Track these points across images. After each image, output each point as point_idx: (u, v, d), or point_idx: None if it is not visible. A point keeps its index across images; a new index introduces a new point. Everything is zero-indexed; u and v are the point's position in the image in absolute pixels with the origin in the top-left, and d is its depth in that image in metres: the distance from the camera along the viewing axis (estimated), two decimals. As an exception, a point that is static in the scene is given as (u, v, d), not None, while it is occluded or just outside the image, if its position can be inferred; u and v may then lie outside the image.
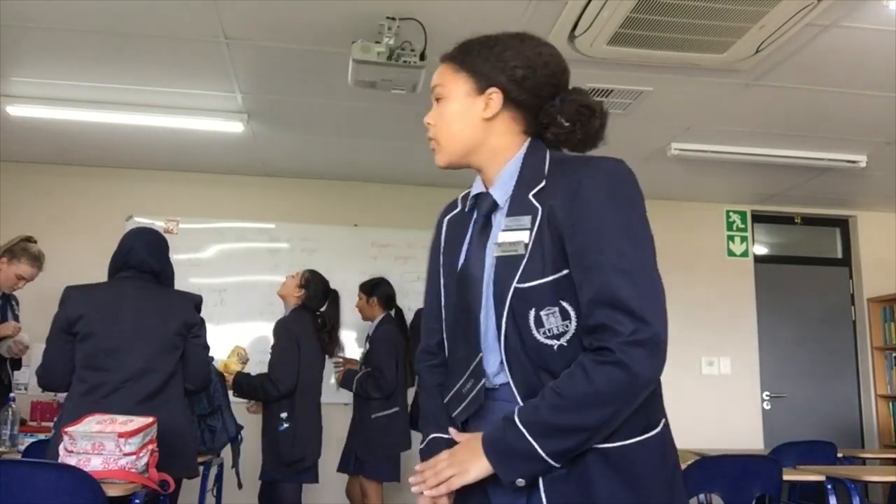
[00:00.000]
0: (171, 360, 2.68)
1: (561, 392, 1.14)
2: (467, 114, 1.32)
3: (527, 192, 1.26)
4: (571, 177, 1.22)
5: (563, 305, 1.19)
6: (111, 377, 2.56)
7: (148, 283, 2.76)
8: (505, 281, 1.22)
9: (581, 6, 2.85)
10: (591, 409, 1.12)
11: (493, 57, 1.31)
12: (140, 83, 3.73)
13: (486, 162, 1.34)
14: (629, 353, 1.11)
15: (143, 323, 2.66)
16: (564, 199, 1.20)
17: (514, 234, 1.24)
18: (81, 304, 2.64)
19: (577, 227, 1.18)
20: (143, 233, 2.88)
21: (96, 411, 2.39)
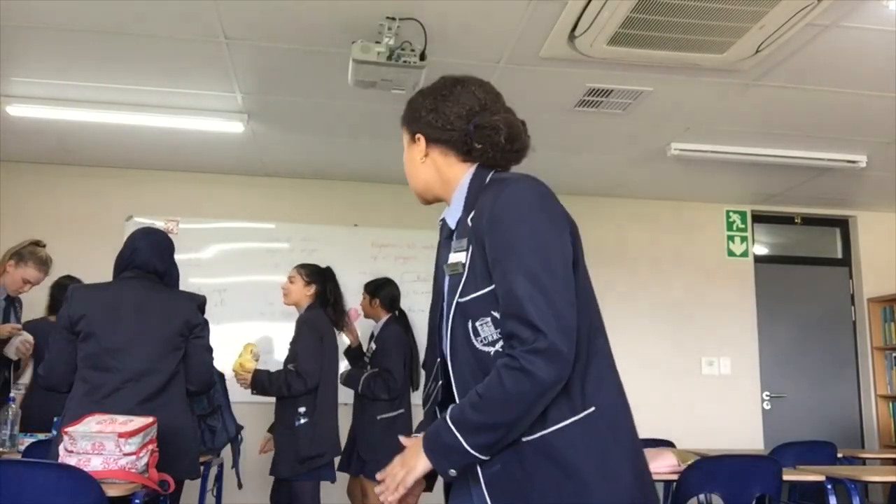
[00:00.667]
0: (172, 361, 2.67)
1: (480, 394, 1.30)
2: (412, 160, 1.57)
3: (465, 217, 1.44)
4: (490, 197, 1.39)
5: (494, 315, 1.34)
6: (112, 377, 2.56)
7: (151, 284, 2.75)
8: (450, 297, 1.43)
9: (581, 6, 2.85)
10: (503, 409, 1.28)
11: (414, 111, 1.57)
12: (140, 83, 3.73)
13: (444, 192, 1.55)
14: (530, 360, 1.26)
15: (144, 323, 2.65)
16: (482, 219, 1.38)
17: (456, 255, 1.43)
18: (84, 303, 2.64)
19: (490, 243, 1.35)
20: (148, 233, 2.87)
21: (97, 411, 2.39)
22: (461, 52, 3.27)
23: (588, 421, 1.31)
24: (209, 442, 3.46)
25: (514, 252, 1.31)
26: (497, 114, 1.50)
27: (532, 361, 1.26)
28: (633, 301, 5.51)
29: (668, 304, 5.56)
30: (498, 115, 1.49)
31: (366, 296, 4.22)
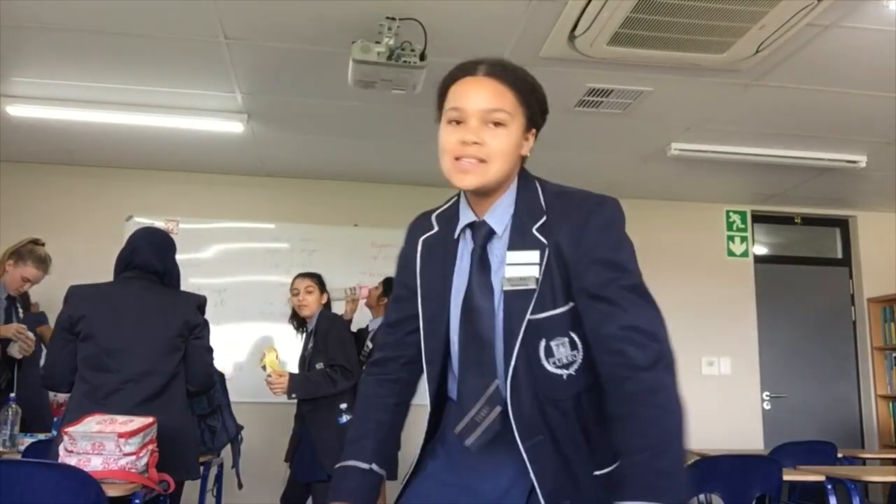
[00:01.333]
0: (172, 361, 2.67)
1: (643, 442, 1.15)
2: (517, 148, 1.32)
3: (530, 226, 1.29)
4: (576, 212, 1.27)
5: (573, 336, 1.25)
6: (112, 378, 2.56)
7: (151, 284, 2.75)
8: (518, 313, 1.26)
9: (581, 6, 2.85)
10: (683, 440, 1.18)
11: (538, 99, 1.35)
12: (140, 83, 3.73)
13: (494, 191, 1.33)
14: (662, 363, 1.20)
15: (143, 323, 2.65)
16: (572, 235, 1.25)
17: (522, 268, 1.27)
18: (83, 303, 2.64)
19: (589, 260, 1.24)
20: (148, 233, 2.87)
21: (97, 412, 2.39)
22: (461, 52, 3.25)
23: None
24: (209, 442, 3.46)
25: (627, 271, 1.25)
26: None
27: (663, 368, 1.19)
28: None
29: (668, 304, 5.49)
30: None
31: (380, 287, 4.23)
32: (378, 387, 1.46)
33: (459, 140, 1.29)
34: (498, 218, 1.32)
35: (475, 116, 1.29)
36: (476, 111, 1.29)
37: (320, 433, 3.55)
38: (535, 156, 1.49)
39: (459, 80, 1.35)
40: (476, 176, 1.29)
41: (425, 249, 1.40)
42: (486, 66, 1.33)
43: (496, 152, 1.28)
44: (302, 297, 3.79)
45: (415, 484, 1.38)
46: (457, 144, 1.29)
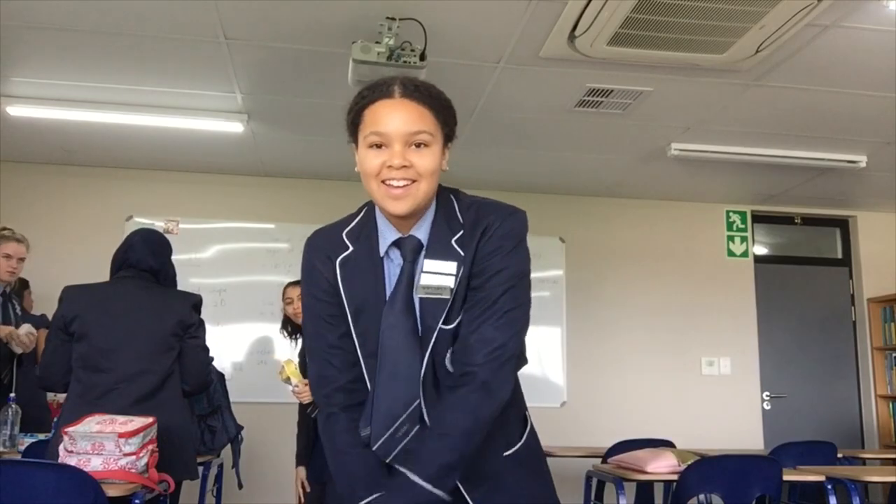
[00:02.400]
0: (166, 361, 2.66)
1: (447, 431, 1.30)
2: (440, 165, 1.34)
3: (448, 238, 1.32)
4: (483, 224, 1.33)
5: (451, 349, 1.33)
6: (106, 377, 2.56)
7: (146, 283, 2.75)
8: (431, 322, 1.30)
9: (581, 6, 2.85)
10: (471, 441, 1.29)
11: (452, 114, 1.37)
12: (140, 83, 3.73)
13: (420, 210, 1.34)
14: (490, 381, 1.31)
15: (138, 322, 2.65)
16: (479, 245, 1.31)
17: (438, 277, 1.30)
18: (77, 303, 2.64)
19: (485, 270, 1.30)
20: (145, 232, 2.87)
21: (93, 412, 2.39)
22: (461, 52, 3.27)
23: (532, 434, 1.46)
24: (209, 442, 3.46)
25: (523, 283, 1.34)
26: None
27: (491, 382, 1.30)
28: (633, 301, 5.51)
29: (668, 304, 5.56)
30: None
31: None
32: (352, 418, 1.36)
33: (384, 163, 1.30)
34: (424, 232, 1.35)
35: (398, 139, 1.29)
36: (399, 134, 1.29)
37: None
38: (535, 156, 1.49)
39: (376, 103, 1.33)
40: (409, 200, 1.30)
41: (344, 269, 1.37)
42: (400, 86, 1.33)
43: (425, 173, 1.30)
44: (297, 306, 3.75)
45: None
46: (382, 168, 1.30)
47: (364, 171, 1.34)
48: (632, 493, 4.07)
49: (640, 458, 3.14)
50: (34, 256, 3.88)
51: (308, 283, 1.42)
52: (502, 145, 4.44)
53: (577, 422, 5.06)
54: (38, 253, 3.99)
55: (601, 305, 5.45)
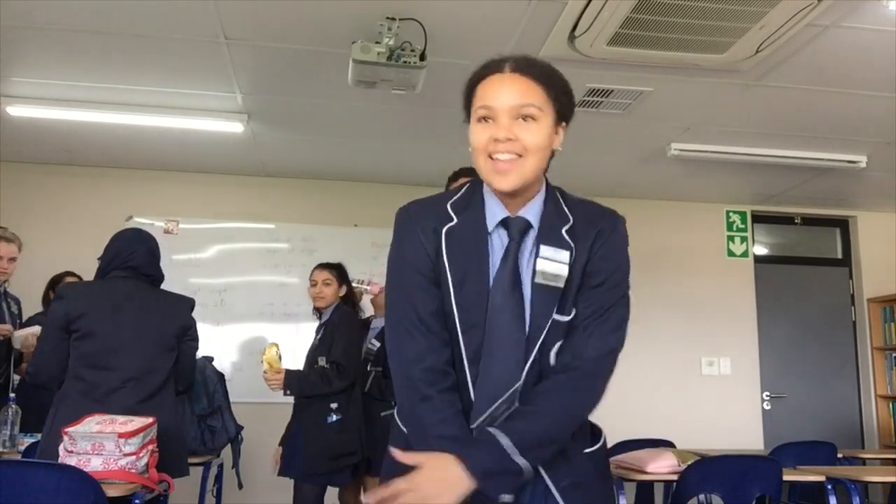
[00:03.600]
0: (169, 361, 2.70)
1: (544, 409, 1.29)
2: (549, 142, 1.34)
3: (559, 227, 1.32)
4: (598, 224, 1.36)
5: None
6: (112, 376, 2.56)
7: (145, 285, 2.77)
8: (544, 311, 1.29)
9: (581, 6, 2.85)
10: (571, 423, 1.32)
11: (566, 92, 1.38)
12: (140, 83, 3.73)
13: (528, 190, 1.34)
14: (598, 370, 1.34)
15: (144, 323, 2.66)
16: (594, 245, 1.33)
17: (553, 265, 1.30)
18: (82, 301, 2.63)
19: (602, 271, 1.33)
20: (144, 238, 2.87)
21: (98, 411, 2.39)
22: (461, 52, 3.27)
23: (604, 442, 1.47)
24: (209, 442, 3.46)
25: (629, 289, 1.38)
26: None
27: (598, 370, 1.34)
28: (633, 301, 5.50)
29: (668, 304, 5.56)
30: None
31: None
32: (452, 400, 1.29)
33: (491, 137, 1.28)
34: (533, 215, 1.34)
35: (505, 113, 1.29)
36: (506, 107, 1.29)
37: (307, 430, 3.54)
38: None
39: (486, 79, 1.34)
40: (515, 175, 1.28)
41: (450, 239, 1.33)
42: (512, 62, 1.33)
43: (531, 147, 1.29)
44: (319, 289, 3.75)
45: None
46: (489, 142, 1.28)
47: (473, 146, 1.32)
48: (632, 493, 4.07)
49: (640, 458, 3.14)
50: (34, 256, 3.88)
51: (402, 252, 1.36)
52: (502, 145, 4.42)
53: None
54: (38, 253, 4.00)
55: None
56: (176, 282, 4.95)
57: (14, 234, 3.70)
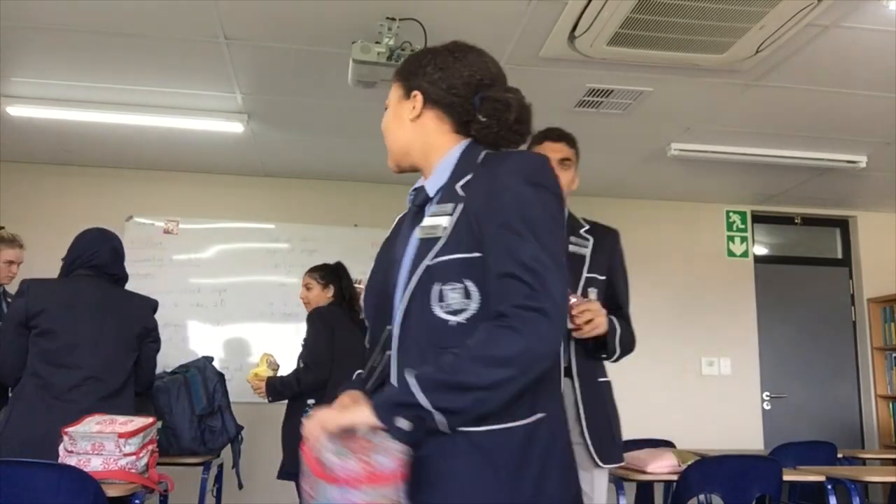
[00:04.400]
0: (129, 362, 2.73)
1: (457, 353, 1.16)
2: (399, 117, 1.45)
3: (454, 184, 1.35)
4: (493, 166, 1.32)
5: (467, 284, 1.24)
6: (72, 374, 2.56)
7: (109, 284, 2.79)
8: (419, 259, 1.29)
9: (581, 6, 2.85)
10: (481, 369, 1.13)
11: (416, 65, 1.44)
12: (140, 83, 3.73)
13: (423, 161, 1.43)
14: (529, 318, 1.15)
15: (104, 322, 2.68)
16: (484, 186, 1.29)
17: (436, 218, 1.31)
18: (42, 298, 2.64)
19: (494, 206, 1.25)
20: (108, 238, 2.88)
21: (55, 409, 2.41)
22: (461, 53, 3.27)
23: (530, 428, 1.21)
24: (209, 442, 3.47)
25: (529, 221, 1.21)
26: (511, 93, 1.42)
27: (532, 320, 1.15)
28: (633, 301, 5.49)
29: (668, 304, 5.56)
30: (511, 94, 1.42)
31: None
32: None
33: None
34: (433, 182, 1.39)
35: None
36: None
37: (285, 428, 3.58)
38: (534, 156, 1.49)
39: None
40: (389, 160, 1.51)
41: (396, 225, 1.55)
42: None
43: (385, 134, 1.50)
44: (302, 294, 3.80)
45: None
46: None
47: None
48: (632, 493, 4.07)
49: (640, 458, 3.14)
50: (34, 256, 3.88)
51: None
52: (502, 145, 4.43)
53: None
54: (37, 253, 3.99)
55: (601, 305, 5.44)
56: (176, 282, 4.99)
57: (16, 235, 3.71)
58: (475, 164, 1.35)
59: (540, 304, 1.15)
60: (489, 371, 1.13)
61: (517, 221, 1.21)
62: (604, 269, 2.34)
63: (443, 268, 1.25)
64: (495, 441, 1.18)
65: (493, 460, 1.18)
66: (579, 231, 2.40)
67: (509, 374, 1.13)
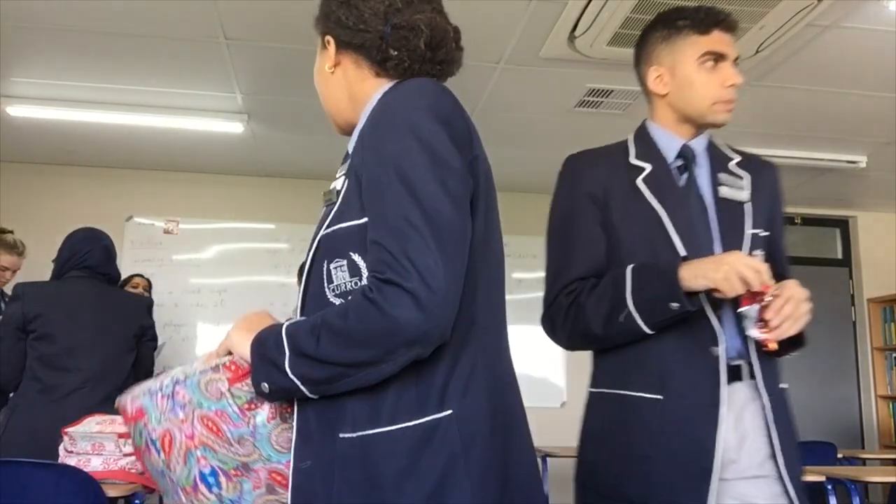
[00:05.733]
0: (128, 362, 2.74)
1: (321, 320, 0.99)
2: (321, 72, 1.24)
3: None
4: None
5: (353, 258, 1.02)
6: (71, 377, 2.57)
7: (102, 285, 2.79)
8: (318, 229, 1.11)
9: (581, 6, 2.85)
10: (339, 344, 0.96)
11: (326, 5, 1.20)
12: (140, 83, 3.73)
13: (356, 116, 1.20)
14: (389, 292, 0.93)
15: (102, 324, 2.68)
16: (365, 134, 1.08)
17: (334, 182, 1.15)
18: (38, 302, 2.64)
19: (367, 157, 1.04)
20: (98, 237, 2.88)
21: (56, 412, 2.42)
22: (461, 53, 3.27)
23: (435, 426, 0.97)
24: (209, 442, 3.47)
25: (401, 170, 0.98)
26: (422, 13, 1.13)
27: (390, 295, 0.92)
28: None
29: (668, 304, 5.54)
30: (422, 14, 1.13)
31: None
32: None
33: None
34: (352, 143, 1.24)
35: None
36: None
37: None
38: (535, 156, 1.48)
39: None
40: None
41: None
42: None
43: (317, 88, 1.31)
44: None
45: None
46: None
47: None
48: (632, 493, 4.06)
49: (640, 458, 3.13)
50: (34, 257, 3.87)
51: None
52: (502, 145, 4.44)
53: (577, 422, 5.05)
54: (37, 253, 3.99)
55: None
56: (176, 282, 4.99)
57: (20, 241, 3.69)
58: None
59: (399, 277, 0.92)
60: (350, 350, 0.95)
61: (388, 174, 0.98)
62: (764, 219, 1.63)
63: (330, 240, 1.06)
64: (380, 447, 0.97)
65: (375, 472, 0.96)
66: (727, 165, 1.65)
67: (370, 355, 0.94)
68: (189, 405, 1.03)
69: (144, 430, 1.05)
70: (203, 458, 1.01)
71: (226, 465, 1.02)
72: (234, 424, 1.03)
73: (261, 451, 1.04)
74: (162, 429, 1.03)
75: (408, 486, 0.95)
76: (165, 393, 1.05)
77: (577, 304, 1.47)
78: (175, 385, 1.06)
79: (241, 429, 1.03)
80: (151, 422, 1.04)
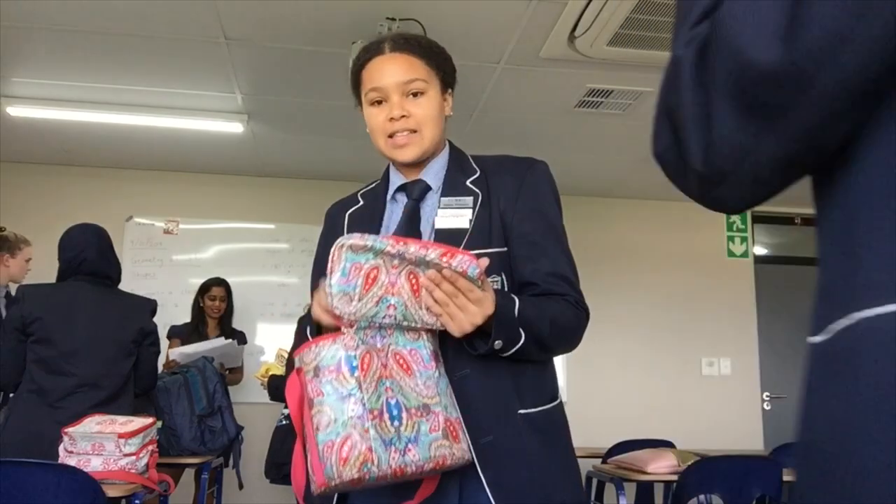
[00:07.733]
0: (126, 366, 2.73)
1: (544, 306, 1.25)
2: (441, 111, 1.38)
3: (463, 180, 1.37)
4: (513, 171, 1.37)
5: (503, 277, 1.30)
6: (67, 381, 2.57)
7: (103, 287, 2.78)
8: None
9: (581, 7, 2.85)
10: (552, 326, 1.24)
11: (445, 59, 1.40)
12: (140, 83, 3.73)
13: (429, 155, 1.39)
14: (577, 308, 1.31)
15: (100, 328, 2.68)
16: (511, 188, 1.34)
17: (455, 211, 1.33)
18: (38, 305, 2.65)
19: (525, 213, 1.32)
20: (92, 234, 2.82)
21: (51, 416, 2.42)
22: (461, 52, 3.26)
23: (562, 406, 1.37)
24: (209, 442, 3.46)
25: (554, 227, 1.35)
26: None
27: (583, 316, 1.31)
28: (633, 301, 5.51)
29: (668, 304, 5.56)
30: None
31: None
32: None
33: (387, 118, 1.34)
34: (433, 176, 1.39)
35: (394, 91, 1.34)
36: (393, 85, 1.34)
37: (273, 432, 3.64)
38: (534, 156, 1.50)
39: (370, 62, 1.38)
40: (415, 147, 1.35)
41: (352, 220, 1.45)
42: (390, 42, 1.38)
43: (424, 119, 1.35)
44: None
45: None
46: (385, 122, 1.35)
47: (371, 129, 1.39)
48: (632, 494, 4.07)
49: (640, 458, 3.14)
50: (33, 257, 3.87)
51: (319, 250, 1.49)
52: (502, 145, 4.42)
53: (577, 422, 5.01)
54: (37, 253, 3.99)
55: (601, 305, 5.42)
56: (176, 282, 4.99)
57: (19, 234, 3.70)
58: (469, 162, 1.41)
59: (585, 307, 1.32)
60: (556, 330, 1.25)
61: (553, 230, 1.35)
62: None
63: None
64: (550, 419, 1.31)
65: (549, 437, 1.30)
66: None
67: (565, 339, 1.30)
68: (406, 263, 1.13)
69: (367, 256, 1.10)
70: (390, 389, 1.09)
71: (409, 402, 1.10)
72: (424, 366, 1.15)
73: (440, 398, 1.15)
74: (371, 264, 1.10)
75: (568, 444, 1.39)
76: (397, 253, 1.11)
77: None
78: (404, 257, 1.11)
79: (429, 370, 1.15)
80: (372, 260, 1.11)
